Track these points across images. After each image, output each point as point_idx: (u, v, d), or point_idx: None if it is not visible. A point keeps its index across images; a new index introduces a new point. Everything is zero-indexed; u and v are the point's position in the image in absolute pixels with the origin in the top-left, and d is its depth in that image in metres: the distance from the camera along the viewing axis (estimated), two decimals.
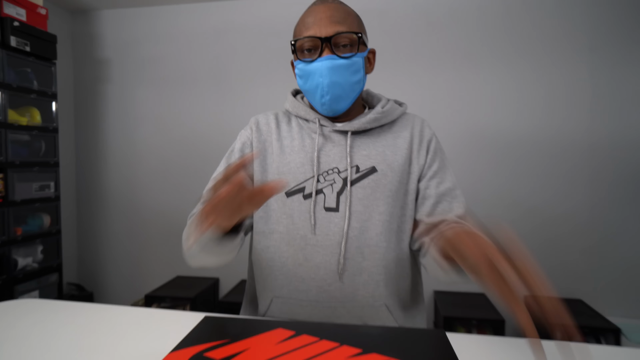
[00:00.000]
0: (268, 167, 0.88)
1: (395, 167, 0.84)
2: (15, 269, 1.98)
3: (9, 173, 1.92)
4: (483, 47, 2.18)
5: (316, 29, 0.80)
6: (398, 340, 0.48)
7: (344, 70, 0.81)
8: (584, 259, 2.11)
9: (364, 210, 0.81)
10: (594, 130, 2.09)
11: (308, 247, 0.81)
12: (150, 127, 2.63)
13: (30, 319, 0.79)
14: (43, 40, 2.07)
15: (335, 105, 0.84)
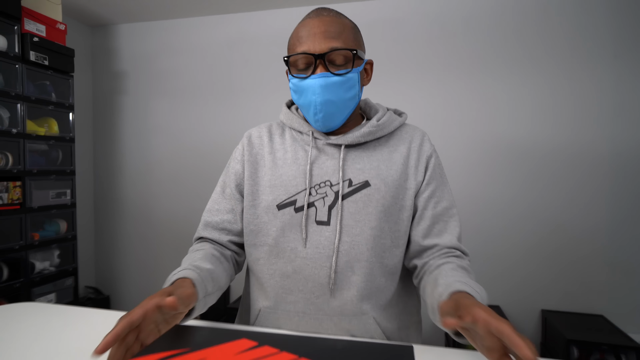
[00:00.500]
0: (259, 180, 0.86)
1: (390, 182, 0.81)
2: (33, 272, 2.01)
3: (27, 181, 1.96)
4: (499, 54, 2.13)
5: (310, 45, 0.77)
6: (360, 355, 0.46)
7: (337, 88, 0.78)
8: (606, 274, 2.02)
9: (355, 225, 0.79)
10: (617, 140, 2.00)
11: (297, 260, 0.80)
12: (164, 136, 2.67)
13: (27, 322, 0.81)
14: (61, 54, 2.11)
15: (328, 122, 0.81)
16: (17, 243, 1.93)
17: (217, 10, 2.47)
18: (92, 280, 2.81)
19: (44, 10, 2.05)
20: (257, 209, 0.85)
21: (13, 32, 1.88)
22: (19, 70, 1.91)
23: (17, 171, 1.91)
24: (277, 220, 0.82)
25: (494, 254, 2.14)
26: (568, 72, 2.05)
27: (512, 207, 2.12)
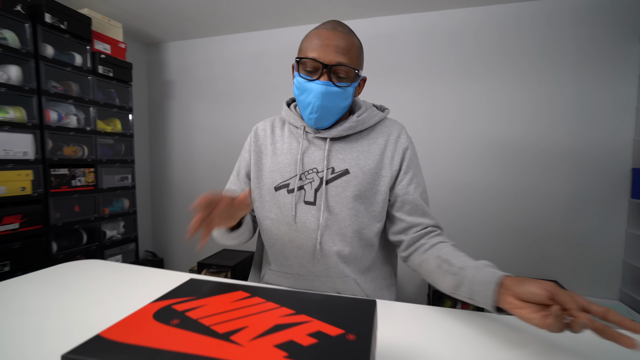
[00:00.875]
0: (263, 167, 0.88)
1: (367, 170, 0.82)
2: (104, 238, 2.11)
3: (98, 168, 2.06)
4: (478, 63, 2.11)
5: (320, 54, 0.75)
6: (331, 306, 0.47)
7: (335, 97, 0.77)
8: (562, 249, 2.02)
9: (336, 205, 0.81)
10: (576, 136, 1.98)
11: (291, 232, 0.82)
12: (203, 132, 2.74)
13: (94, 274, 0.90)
14: (122, 67, 2.18)
15: (320, 123, 0.81)
16: (93, 215, 2.03)
17: (244, 29, 2.52)
18: (150, 246, 2.94)
19: (109, 33, 2.13)
20: (261, 190, 0.87)
21: (86, 51, 1.97)
22: (90, 81, 2.00)
23: (91, 160, 2.01)
24: (275, 200, 0.84)
25: (469, 231, 2.16)
26: (535, 78, 2.02)
27: (486, 192, 2.13)
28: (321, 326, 0.41)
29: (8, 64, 1.62)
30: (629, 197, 1.91)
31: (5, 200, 1.58)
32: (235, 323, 0.42)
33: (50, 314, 0.65)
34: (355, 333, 0.40)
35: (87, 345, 0.37)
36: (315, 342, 0.38)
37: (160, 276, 0.85)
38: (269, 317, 0.44)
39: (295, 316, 0.44)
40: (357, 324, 0.42)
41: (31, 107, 1.70)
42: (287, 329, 0.40)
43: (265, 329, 0.40)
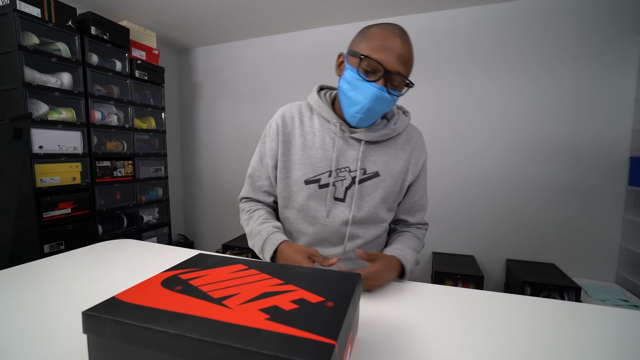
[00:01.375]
0: (291, 157, 0.81)
1: (394, 174, 0.80)
2: (142, 222, 2.19)
3: (136, 160, 2.13)
4: (480, 59, 2.03)
5: (384, 58, 0.68)
6: (318, 278, 0.47)
7: (384, 103, 0.72)
8: (558, 233, 1.95)
9: (364, 205, 0.79)
10: (573, 127, 1.89)
11: (317, 225, 0.80)
12: (228, 127, 2.78)
13: (127, 251, 0.94)
14: (155, 71, 2.24)
15: (362, 123, 0.76)
16: (131, 202, 2.10)
17: (262, 33, 2.52)
18: (182, 230, 3.04)
19: (144, 41, 2.18)
20: (289, 180, 0.82)
21: (125, 58, 2.03)
22: (128, 84, 2.06)
23: (129, 153, 2.08)
24: (303, 192, 0.80)
25: (473, 218, 2.11)
26: (536, 72, 1.93)
27: (489, 181, 2.07)
28: (304, 294, 0.42)
29: (61, 72, 1.70)
30: (626, 184, 1.80)
31: (59, 189, 1.67)
32: (230, 290, 0.43)
33: (88, 281, 0.69)
34: (334, 301, 0.41)
35: (104, 304, 0.39)
36: (296, 307, 0.39)
37: (184, 254, 0.89)
38: (260, 285, 0.45)
39: (283, 285, 0.45)
40: (338, 293, 0.43)
41: (80, 108, 1.78)
42: (273, 296, 0.42)
43: (254, 296, 0.42)
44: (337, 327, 0.35)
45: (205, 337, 0.32)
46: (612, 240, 1.85)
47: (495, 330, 0.52)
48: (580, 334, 0.51)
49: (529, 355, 0.45)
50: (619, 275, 1.84)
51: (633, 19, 1.73)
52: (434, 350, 0.46)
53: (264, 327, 0.34)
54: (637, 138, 1.75)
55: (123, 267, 0.79)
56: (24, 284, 0.68)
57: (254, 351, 0.30)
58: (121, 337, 0.36)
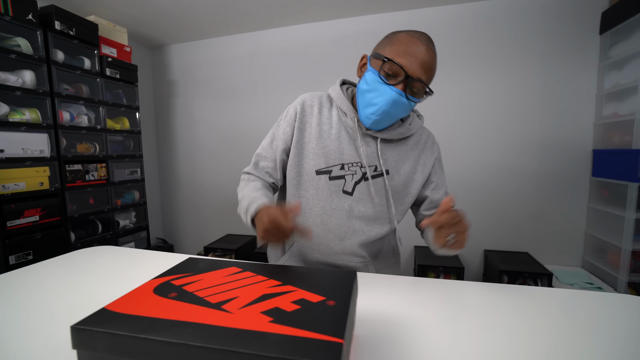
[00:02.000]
0: (305, 146, 0.81)
1: (402, 173, 0.80)
2: (118, 227, 2.10)
3: (109, 163, 2.03)
4: (454, 56, 2.08)
5: (407, 63, 0.68)
6: (315, 277, 0.47)
7: (401, 108, 0.72)
8: (531, 223, 2.05)
9: (371, 200, 0.79)
10: (543, 122, 1.98)
11: (324, 215, 0.79)
12: (206, 127, 2.71)
13: (105, 259, 0.91)
14: (128, 69, 2.14)
15: (376, 125, 0.76)
16: (106, 207, 2.01)
17: (240, 30, 2.47)
18: (160, 233, 2.94)
19: (115, 37, 2.08)
20: (300, 168, 0.81)
21: (94, 55, 1.93)
22: (99, 83, 1.96)
23: (102, 156, 1.98)
24: (313, 182, 0.79)
25: None
26: (507, 69, 2.01)
27: (463, 172, 2.14)
28: (304, 294, 0.42)
29: (22, 69, 1.59)
30: (590, 175, 1.93)
31: (25, 195, 1.57)
32: (227, 294, 0.42)
33: (65, 293, 0.65)
34: (335, 299, 0.41)
35: (94, 317, 0.37)
36: (298, 308, 0.38)
37: (167, 258, 0.86)
38: (258, 288, 0.44)
39: (282, 287, 0.45)
40: (337, 291, 0.43)
41: (45, 109, 1.67)
42: (273, 298, 0.41)
43: (253, 298, 0.41)
44: (342, 325, 0.35)
45: (208, 344, 0.31)
46: (578, 228, 1.98)
47: (485, 318, 0.54)
48: (556, 315, 0.55)
49: (521, 340, 0.47)
50: (584, 260, 1.96)
51: (593, 20, 1.84)
52: (431, 342, 0.47)
53: (268, 330, 0.34)
54: (598, 132, 1.87)
55: (103, 276, 0.75)
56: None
57: (262, 355, 0.30)
58: (117, 350, 0.34)
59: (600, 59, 1.85)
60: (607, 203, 1.81)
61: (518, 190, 2.06)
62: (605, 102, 1.83)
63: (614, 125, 1.76)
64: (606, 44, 1.81)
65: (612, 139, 1.77)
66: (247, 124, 2.56)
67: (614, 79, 1.77)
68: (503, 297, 0.62)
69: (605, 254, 1.82)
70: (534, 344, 0.47)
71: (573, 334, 0.49)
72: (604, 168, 1.81)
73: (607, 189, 1.82)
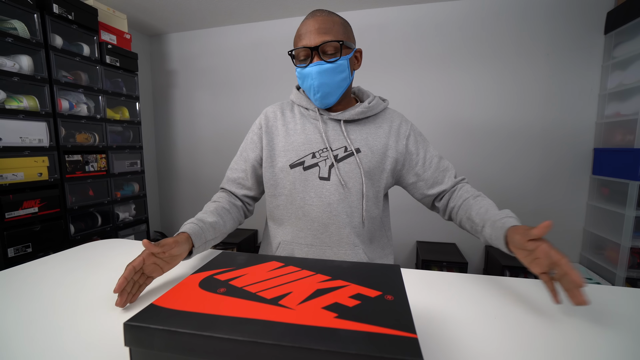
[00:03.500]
0: (275, 147, 0.84)
1: (375, 150, 0.81)
2: (118, 220, 2.06)
3: (109, 154, 1.97)
4: (462, 52, 2.08)
5: (306, 40, 0.74)
6: (362, 271, 0.46)
7: (330, 73, 0.75)
8: (533, 219, 2.06)
9: (349, 181, 0.79)
10: (546, 120, 1.99)
11: (306, 206, 0.80)
12: (206, 118, 2.66)
13: (119, 251, 0.89)
14: (128, 57, 2.07)
15: (325, 100, 0.79)
16: (106, 199, 1.96)
17: (242, 20, 2.42)
18: (159, 226, 2.90)
19: (114, 24, 2.01)
20: (274, 168, 0.84)
21: (93, 41, 1.86)
22: (98, 70, 1.89)
23: (102, 147, 1.93)
24: (289, 177, 0.81)
25: None
26: (512, 66, 2.02)
27: (467, 169, 2.14)
28: (359, 289, 0.41)
29: (19, 54, 1.51)
30: (590, 173, 1.96)
31: (23, 186, 1.51)
32: (279, 289, 0.41)
33: (83, 286, 0.63)
34: (392, 294, 0.40)
35: (145, 313, 0.35)
36: (359, 303, 0.37)
37: None
38: (309, 283, 0.43)
39: (333, 281, 0.43)
40: (391, 286, 0.42)
41: (43, 96, 1.60)
42: (329, 293, 0.40)
43: (308, 294, 0.40)
44: (410, 320, 0.34)
45: (281, 342, 0.30)
46: (577, 225, 2.02)
47: (519, 312, 0.54)
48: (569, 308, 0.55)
49: (556, 332, 0.47)
50: (583, 256, 2.01)
51: (598, 20, 1.86)
52: (471, 337, 0.47)
53: (337, 326, 0.33)
54: (600, 131, 1.90)
55: (119, 269, 0.72)
56: (12, 293, 0.60)
57: (341, 352, 0.29)
58: (175, 348, 0.33)
59: (604, 59, 1.87)
60: (607, 201, 1.84)
61: (519, 186, 2.08)
62: (607, 101, 1.85)
63: (616, 125, 1.79)
64: (611, 44, 1.83)
65: (614, 138, 1.80)
66: (248, 117, 2.51)
67: (617, 79, 1.79)
68: (528, 291, 0.62)
69: (604, 251, 1.86)
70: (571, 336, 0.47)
71: (581, 323, 0.50)
72: (605, 166, 1.85)
73: (607, 187, 1.85)
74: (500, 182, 2.11)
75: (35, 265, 0.75)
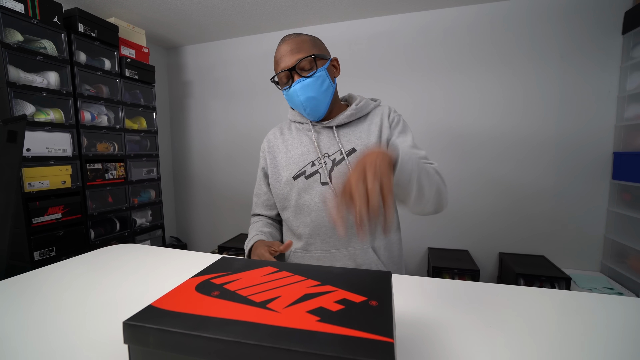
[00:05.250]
0: (278, 163, 0.90)
1: (371, 145, 0.83)
2: (135, 225, 2.14)
3: (127, 162, 2.06)
4: (471, 57, 2.07)
5: (283, 63, 0.79)
6: (352, 277, 0.47)
7: (312, 86, 0.79)
8: (548, 226, 2.01)
9: None
10: (561, 124, 1.94)
11: (313, 213, 0.82)
12: (220, 128, 2.73)
13: (134, 256, 0.93)
14: (146, 70, 2.17)
15: (315, 112, 0.83)
16: (124, 205, 2.04)
17: (253, 31, 2.49)
18: (174, 232, 2.97)
19: (133, 39, 2.11)
20: (280, 183, 0.88)
21: (114, 56, 1.96)
22: (118, 83, 1.99)
23: (120, 155, 2.01)
24: (294, 188, 0.84)
25: (465, 212, 2.15)
26: (525, 71, 1.98)
27: (482, 177, 2.11)
28: (346, 294, 0.42)
29: (47, 71, 1.63)
30: (610, 178, 1.89)
31: (49, 193, 1.61)
32: (269, 293, 0.43)
33: (98, 289, 0.67)
34: (377, 299, 0.41)
35: (144, 313, 0.38)
36: (343, 308, 0.39)
37: (189, 256, 0.87)
38: (299, 287, 0.45)
39: (322, 287, 0.45)
40: (377, 292, 0.43)
41: (68, 109, 1.71)
42: (316, 298, 0.41)
43: (296, 298, 0.41)
44: (389, 325, 0.35)
45: (262, 342, 0.32)
46: (597, 232, 1.94)
47: (515, 321, 0.53)
48: (584, 320, 0.53)
49: (554, 343, 0.46)
50: (604, 265, 1.92)
51: (615, 19, 1.80)
52: (464, 345, 0.47)
53: (318, 329, 0.34)
54: (619, 134, 1.83)
55: (133, 272, 0.76)
56: (32, 294, 0.65)
57: (317, 354, 0.30)
58: (168, 346, 0.35)
59: (622, 60, 1.81)
60: (629, 207, 1.77)
61: (534, 192, 2.02)
62: (627, 103, 1.79)
63: (636, 128, 1.72)
64: (629, 44, 1.77)
65: (635, 142, 1.73)
66: (260, 126, 2.57)
67: (637, 80, 1.73)
68: (531, 300, 0.61)
69: (626, 259, 1.78)
70: (569, 347, 0.46)
71: (607, 338, 0.48)
72: (626, 171, 1.77)
73: (628, 192, 1.78)
74: (513, 188, 2.06)
75: (53, 268, 0.80)
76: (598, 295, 0.63)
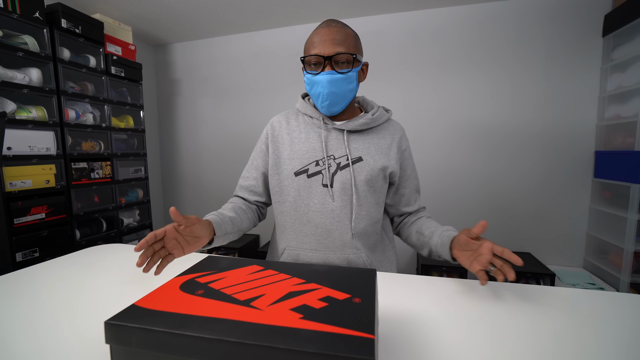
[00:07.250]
0: (281, 154, 0.87)
1: (377, 158, 0.83)
2: (122, 225, 2.10)
3: (114, 161, 2.03)
4: (459, 57, 2.10)
5: (320, 49, 0.77)
6: (337, 275, 0.48)
7: (340, 83, 0.78)
8: (534, 224, 2.06)
9: (350, 188, 0.81)
10: (545, 122, 1.99)
11: (310, 212, 0.82)
12: (209, 126, 2.71)
13: (118, 256, 0.91)
14: (133, 67, 2.14)
15: (331, 108, 0.82)
16: (111, 205, 2.01)
17: (243, 29, 2.47)
18: None
19: (119, 36, 2.07)
20: (280, 175, 0.86)
21: (99, 53, 1.92)
22: (104, 81, 1.95)
23: (107, 154, 1.98)
24: (294, 184, 0.83)
25: (452, 209, 2.19)
26: (510, 70, 2.02)
27: (467, 173, 2.15)
28: (330, 292, 0.43)
29: (29, 67, 1.58)
30: (592, 176, 1.94)
31: (31, 193, 1.57)
32: (254, 292, 0.43)
33: (82, 290, 0.66)
34: (360, 297, 0.41)
35: (126, 313, 0.38)
36: (326, 305, 0.39)
37: None
38: (283, 286, 0.45)
39: (306, 284, 0.45)
40: (361, 289, 0.44)
41: (51, 107, 1.67)
42: (300, 295, 0.42)
43: (280, 296, 0.42)
44: (371, 322, 0.35)
45: (244, 340, 0.32)
46: (580, 229, 1.99)
47: (500, 316, 0.55)
48: (567, 314, 0.55)
49: (534, 338, 0.48)
50: (586, 261, 1.98)
51: (596, 22, 1.85)
52: (447, 340, 0.48)
53: (300, 326, 0.34)
54: (600, 133, 1.89)
55: (118, 272, 0.75)
56: (14, 295, 0.64)
57: (299, 350, 0.31)
58: (150, 345, 0.35)
59: (602, 61, 1.86)
60: (609, 204, 1.82)
61: (519, 191, 2.07)
62: (607, 104, 1.84)
63: (616, 127, 1.78)
64: (609, 47, 1.82)
65: (615, 141, 1.79)
66: (250, 124, 2.55)
67: (616, 81, 1.78)
68: (516, 296, 0.63)
69: (607, 255, 1.83)
70: (550, 342, 0.47)
71: (589, 333, 0.50)
72: (606, 169, 1.83)
73: (609, 190, 1.83)
74: (499, 186, 2.10)
75: (37, 269, 0.78)
76: (581, 291, 0.65)
